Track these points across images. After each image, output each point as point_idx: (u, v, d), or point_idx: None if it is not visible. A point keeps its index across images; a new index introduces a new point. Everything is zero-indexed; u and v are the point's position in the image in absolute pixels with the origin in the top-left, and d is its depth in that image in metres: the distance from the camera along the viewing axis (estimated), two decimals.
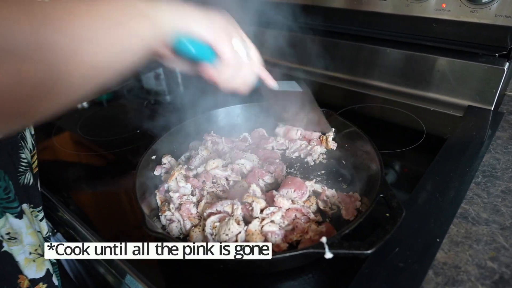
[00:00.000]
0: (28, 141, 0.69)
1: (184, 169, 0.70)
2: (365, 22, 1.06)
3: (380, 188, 0.57)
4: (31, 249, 0.64)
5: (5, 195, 0.60)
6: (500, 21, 0.83)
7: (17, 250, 0.63)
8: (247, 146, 0.83)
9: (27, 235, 0.64)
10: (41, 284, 0.66)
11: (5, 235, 0.60)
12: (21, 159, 0.65)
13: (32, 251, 0.65)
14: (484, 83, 0.91)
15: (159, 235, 0.52)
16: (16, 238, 0.62)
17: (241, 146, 0.82)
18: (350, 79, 1.15)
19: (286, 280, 0.55)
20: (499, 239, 0.58)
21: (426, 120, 0.94)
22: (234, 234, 0.55)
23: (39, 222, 0.69)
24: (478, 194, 0.67)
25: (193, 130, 0.84)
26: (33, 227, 0.66)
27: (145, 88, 1.33)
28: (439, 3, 0.90)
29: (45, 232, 0.70)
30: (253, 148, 0.82)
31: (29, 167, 0.67)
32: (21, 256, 0.63)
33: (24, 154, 0.65)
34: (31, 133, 0.71)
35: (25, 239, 0.64)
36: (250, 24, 1.29)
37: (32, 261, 0.65)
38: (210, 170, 0.71)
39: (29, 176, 0.66)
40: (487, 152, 0.78)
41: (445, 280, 0.52)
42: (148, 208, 0.63)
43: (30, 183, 0.66)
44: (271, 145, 0.82)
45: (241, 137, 0.85)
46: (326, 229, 0.58)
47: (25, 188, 0.65)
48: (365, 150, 0.70)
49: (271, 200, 0.61)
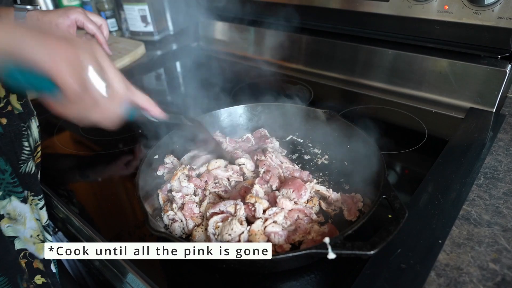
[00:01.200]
0: (34, 131, 0.69)
1: (187, 169, 0.70)
2: (367, 23, 1.06)
3: (383, 189, 0.57)
4: (32, 233, 0.66)
5: (11, 179, 0.61)
6: (503, 23, 0.83)
7: (18, 228, 0.64)
8: (250, 147, 0.83)
9: (30, 220, 0.66)
10: (37, 262, 0.67)
11: (5, 214, 0.62)
12: (23, 147, 0.65)
13: (33, 235, 0.67)
14: (486, 85, 0.91)
15: (162, 235, 0.52)
16: (16, 219, 0.64)
17: (244, 147, 0.83)
18: (351, 80, 1.15)
19: (288, 281, 0.55)
20: (501, 241, 0.58)
21: (427, 121, 0.94)
22: (237, 234, 0.55)
23: (39, 211, 0.70)
24: (480, 196, 0.67)
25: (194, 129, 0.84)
26: (33, 215, 0.67)
27: (146, 88, 1.33)
28: (442, 4, 0.90)
29: (44, 220, 0.71)
30: (253, 150, 0.82)
31: (31, 156, 0.67)
32: (21, 234, 0.65)
33: (27, 143, 0.66)
34: (36, 125, 0.71)
35: (28, 223, 0.66)
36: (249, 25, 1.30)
37: (32, 243, 0.66)
38: (212, 170, 0.71)
39: (31, 164, 0.66)
40: (489, 154, 0.78)
41: (447, 281, 0.52)
42: (151, 208, 0.63)
43: (31, 172, 0.67)
44: (271, 145, 0.82)
45: (244, 138, 0.86)
46: (329, 229, 0.58)
47: (26, 176, 0.66)
48: (367, 152, 0.70)
49: (274, 201, 0.62)
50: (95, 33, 0.88)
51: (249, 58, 1.39)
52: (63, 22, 0.83)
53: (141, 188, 0.62)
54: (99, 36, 0.88)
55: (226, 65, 1.38)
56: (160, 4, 1.59)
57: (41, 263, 0.68)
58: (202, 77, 1.32)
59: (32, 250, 0.67)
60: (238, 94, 0.98)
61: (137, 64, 1.44)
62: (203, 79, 1.27)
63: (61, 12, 0.84)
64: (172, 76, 1.43)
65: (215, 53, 1.52)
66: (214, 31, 1.51)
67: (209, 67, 1.42)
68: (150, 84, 1.36)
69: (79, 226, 0.70)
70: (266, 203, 0.61)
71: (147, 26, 1.60)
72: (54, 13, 0.84)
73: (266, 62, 1.33)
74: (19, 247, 0.65)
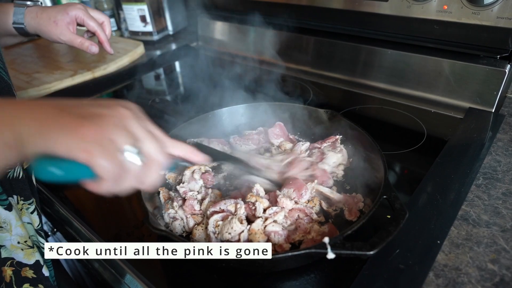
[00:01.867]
0: None
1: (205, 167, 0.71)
2: (365, 23, 1.06)
3: (383, 189, 0.57)
4: (19, 239, 0.65)
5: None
6: (502, 23, 0.83)
7: (3, 236, 0.63)
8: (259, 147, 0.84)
9: (16, 227, 0.64)
10: (27, 268, 0.66)
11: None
12: None
13: (21, 242, 0.65)
14: (485, 85, 0.91)
15: (162, 233, 0.52)
16: (2, 227, 0.62)
17: (255, 141, 0.83)
18: (350, 80, 1.15)
19: (288, 280, 0.55)
20: (500, 241, 0.58)
21: (426, 121, 0.94)
22: (237, 233, 0.55)
23: (31, 215, 0.69)
24: (479, 196, 0.67)
25: (197, 129, 0.84)
26: (22, 220, 0.66)
27: (145, 88, 1.32)
28: (441, 4, 0.90)
29: (36, 224, 0.70)
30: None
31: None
32: (8, 242, 0.63)
33: None
34: None
35: (14, 230, 0.64)
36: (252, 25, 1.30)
37: (20, 249, 0.65)
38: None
39: (18, 169, 0.65)
40: (488, 154, 0.78)
41: (446, 282, 0.52)
42: (152, 206, 0.63)
43: (19, 177, 0.66)
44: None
45: (256, 131, 0.86)
46: (329, 229, 0.58)
47: (13, 181, 0.65)
48: (368, 151, 0.70)
49: (274, 200, 0.62)
50: (96, 30, 0.85)
51: (248, 58, 1.39)
52: (62, 18, 0.81)
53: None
54: (101, 34, 0.86)
55: (226, 65, 1.38)
56: (159, 4, 1.59)
57: (30, 269, 0.66)
58: (201, 77, 1.32)
59: (20, 258, 0.65)
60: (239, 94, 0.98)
61: (136, 64, 1.44)
62: (203, 79, 1.27)
63: (60, 8, 0.82)
64: (171, 76, 1.43)
65: (214, 53, 1.52)
66: (213, 31, 1.51)
67: (208, 67, 1.42)
68: (149, 84, 1.36)
69: (78, 226, 0.70)
70: (266, 202, 0.61)
71: (146, 26, 1.60)
72: (53, 9, 0.82)
73: (266, 62, 1.33)
74: (5, 256, 0.64)
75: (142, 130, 0.43)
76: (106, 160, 0.39)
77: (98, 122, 0.39)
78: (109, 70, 1.37)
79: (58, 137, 0.37)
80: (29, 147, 0.38)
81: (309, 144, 0.80)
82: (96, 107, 0.41)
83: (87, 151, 0.38)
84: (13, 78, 1.29)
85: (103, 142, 0.39)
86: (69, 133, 0.38)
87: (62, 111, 0.39)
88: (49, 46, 1.62)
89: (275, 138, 0.82)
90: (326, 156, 0.74)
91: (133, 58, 1.49)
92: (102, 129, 0.39)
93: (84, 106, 0.41)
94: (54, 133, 0.38)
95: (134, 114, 0.43)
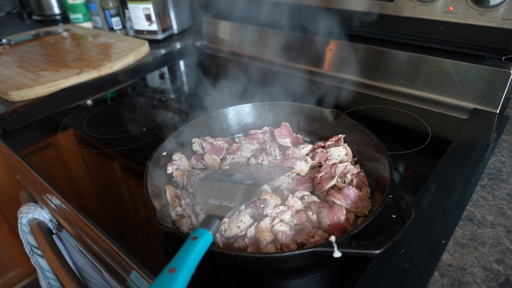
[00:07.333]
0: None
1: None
2: (371, 23, 1.07)
3: (389, 189, 0.57)
4: None
5: None
6: (508, 24, 0.84)
7: None
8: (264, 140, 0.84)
9: None
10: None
11: None
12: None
13: None
14: (490, 86, 0.91)
15: (170, 230, 0.53)
16: None
17: (261, 140, 0.83)
18: (355, 80, 1.15)
19: (293, 278, 0.55)
20: (505, 241, 0.58)
21: (431, 122, 0.94)
22: (246, 226, 0.56)
23: None
24: (484, 197, 0.67)
25: (202, 128, 0.85)
26: None
27: (150, 86, 1.33)
28: (446, 5, 0.90)
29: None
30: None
31: None
32: None
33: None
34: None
35: None
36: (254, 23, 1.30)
37: None
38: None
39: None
40: (493, 155, 0.78)
41: (451, 281, 0.52)
42: (158, 204, 0.64)
43: None
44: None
45: (261, 130, 0.86)
46: None
47: None
48: (374, 151, 0.70)
49: (282, 199, 0.62)
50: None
51: (253, 57, 1.40)
52: None
53: (149, 184, 0.63)
54: None
55: (231, 64, 1.38)
56: (164, 3, 1.60)
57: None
58: (206, 75, 1.32)
59: None
60: (244, 93, 0.99)
61: (141, 63, 1.45)
62: (207, 78, 1.27)
63: None
64: (176, 75, 1.43)
65: (219, 52, 1.52)
66: (218, 30, 1.52)
67: (213, 66, 1.42)
68: (154, 82, 1.37)
69: (83, 223, 0.71)
70: (278, 199, 0.61)
71: (151, 25, 1.60)
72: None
73: (270, 62, 1.34)
74: None
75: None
76: None
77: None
78: (115, 68, 1.38)
79: None
80: None
81: (310, 146, 0.80)
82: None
83: None
84: (19, 75, 1.32)
85: None
86: None
87: None
88: (55, 45, 1.63)
89: (281, 138, 0.83)
90: (330, 152, 0.74)
91: (138, 57, 1.49)
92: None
93: None
94: None
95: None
